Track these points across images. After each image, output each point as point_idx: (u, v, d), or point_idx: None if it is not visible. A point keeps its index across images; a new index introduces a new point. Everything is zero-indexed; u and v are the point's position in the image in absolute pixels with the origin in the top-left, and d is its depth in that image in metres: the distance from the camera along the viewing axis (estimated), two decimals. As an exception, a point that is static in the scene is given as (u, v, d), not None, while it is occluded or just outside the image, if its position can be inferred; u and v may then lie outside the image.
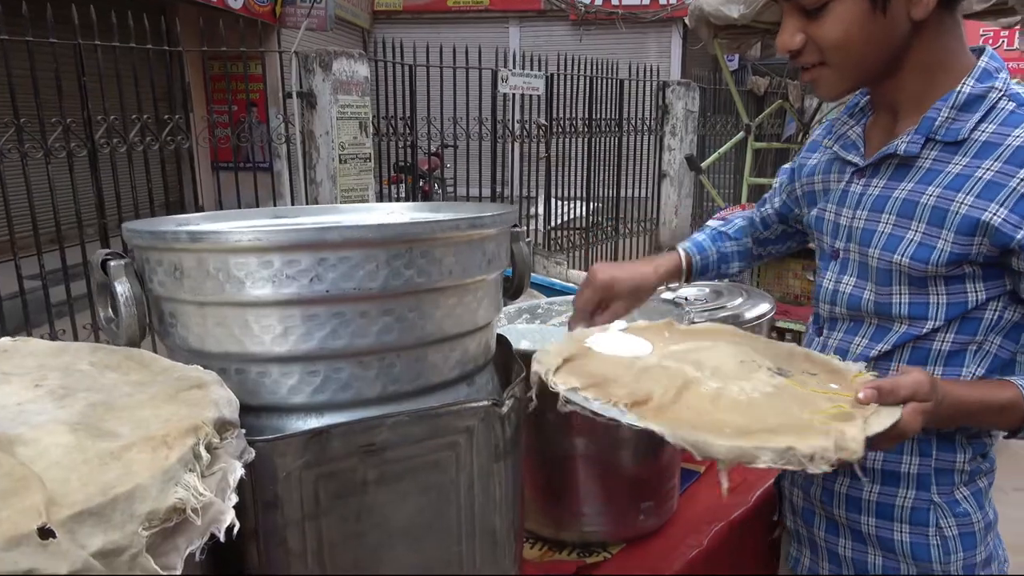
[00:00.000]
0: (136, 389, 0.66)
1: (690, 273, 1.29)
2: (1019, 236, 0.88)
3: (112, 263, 0.75)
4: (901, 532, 1.02)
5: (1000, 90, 0.94)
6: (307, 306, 0.71)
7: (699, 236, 1.33)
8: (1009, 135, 0.90)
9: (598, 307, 1.13)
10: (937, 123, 0.95)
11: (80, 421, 0.58)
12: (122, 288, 0.74)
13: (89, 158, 3.63)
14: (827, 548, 1.10)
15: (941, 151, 0.95)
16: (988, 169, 0.90)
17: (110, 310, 0.79)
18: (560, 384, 0.85)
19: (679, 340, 1.01)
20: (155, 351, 0.77)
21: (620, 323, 1.07)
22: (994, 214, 0.89)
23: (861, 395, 0.82)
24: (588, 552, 1.20)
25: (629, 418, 0.80)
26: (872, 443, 0.79)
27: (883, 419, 0.79)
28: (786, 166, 1.31)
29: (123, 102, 3.78)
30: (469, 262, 0.79)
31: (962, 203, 0.91)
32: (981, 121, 0.93)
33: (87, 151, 3.61)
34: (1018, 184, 0.88)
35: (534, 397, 0.87)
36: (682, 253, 1.28)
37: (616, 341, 0.99)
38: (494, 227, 0.82)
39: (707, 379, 0.88)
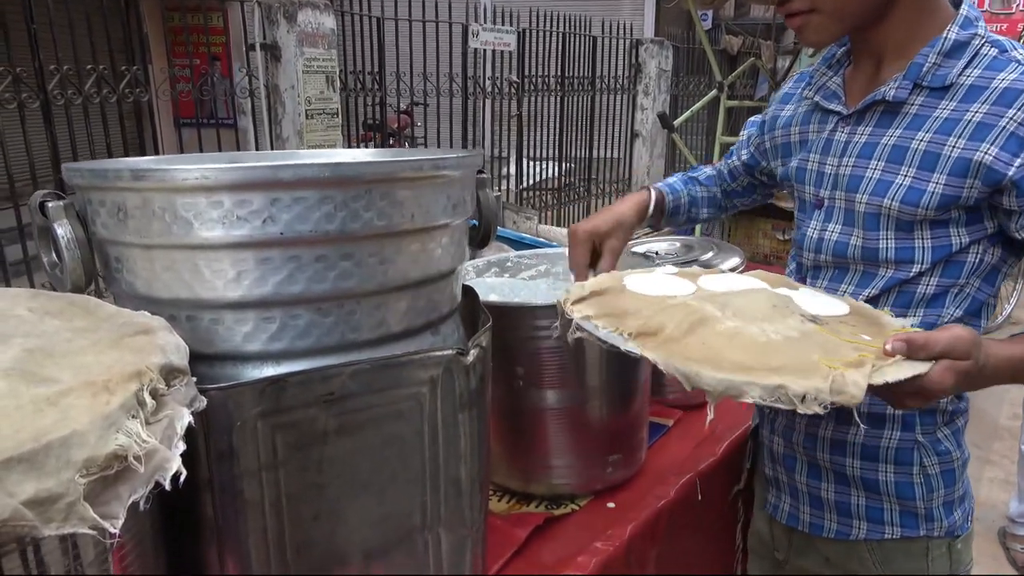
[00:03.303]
0: (78, 335, 0.62)
1: (662, 212, 1.28)
2: (1011, 172, 0.90)
3: (51, 204, 0.70)
4: (886, 472, 1.04)
5: (982, 37, 0.95)
6: (260, 249, 0.68)
7: (670, 180, 1.33)
8: (995, 78, 0.92)
9: (592, 258, 1.13)
10: (924, 69, 0.96)
11: (14, 367, 0.55)
12: (63, 231, 0.70)
13: (42, 110, 3.48)
14: (809, 493, 1.12)
15: (928, 96, 0.97)
16: (977, 112, 0.92)
17: (53, 255, 0.75)
18: (575, 312, 0.85)
19: (721, 284, 1.00)
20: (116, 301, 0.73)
21: (670, 268, 1.06)
22: (986, 153, 0.90)
23: (888, 346, 0.78)
24: (556, 504, 1.20)
25: (629, 346, 0.79)
26: (895, 397, 0.77)
27: (901, 370, 0.75)
28: (754, 118, 1.30)
29: (77, 53, 3.62)
30: (432, 206, 0.76)
31: (954, 146, 0.93)
32: (967, 67, 0.95)
33: (40, 102, 3.46)
34: (1007, 123, 0.90)
35: (558, 326, 0.89)
36: (653, 192, 1.28)
37: (654, 281, 0.98)
38: (458, 170, 0.79)
39: (727, 318, 0.85)
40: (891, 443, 1.04)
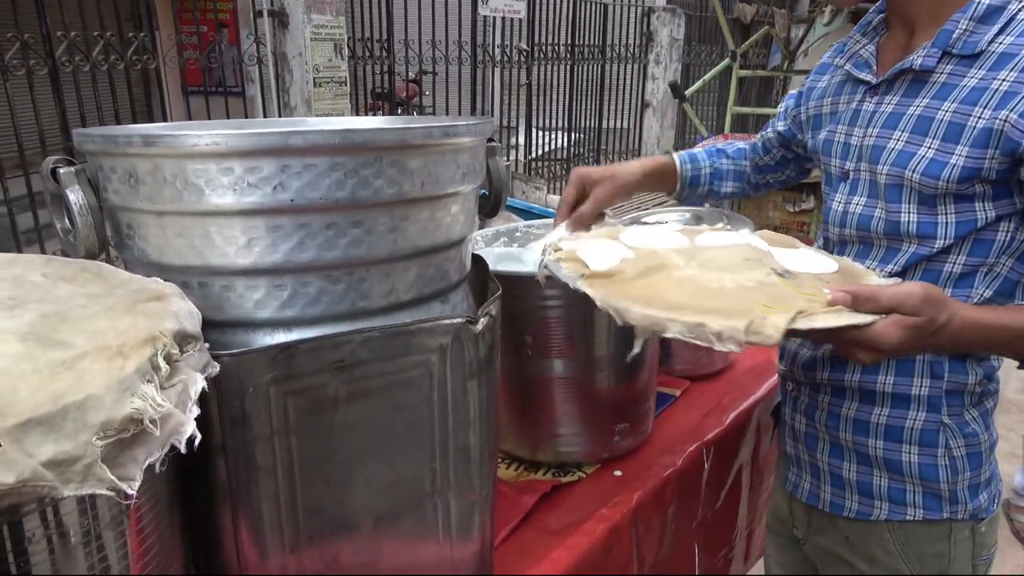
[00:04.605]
0: (92, 301, 0.63)
1: (679, 180, 1.27)
2: None
3: (62, 170, 0.70)
4: (910, 454, 1.02)
5: (1021, 0, 0.90)
6: (271, 216, 0.68)
7: (694, 150, 1.31)
8: None
9: (579, 199, 1.14)
10: (955, 36, 0.92)
11: (30, 331, 0.55)
12: (75, 197, 0.70)
13: (50, 76, 3.47)
14: (831, 472, 1.09)
15: (957, 65, 0.92)
16: (1004, 80, 0.87)
17: (66, 221, 0.75)
18: (550, 255, 0.90)
19: (715, 240, 1.00)
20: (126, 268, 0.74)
21: (675, 226, 1.07)
22: (1005, 120, 0.86)
23: (830, 296, 0.77)
24: (563, 472, 1.21)
25: (578, 284, 0.83)
26: (841, 347, 0.78)
27: (833, 319, 0.74)
28: (794, 91, 1.27)
29: (84, 19, 3.60)
30: (443, 174, 0.76)
31: (979, 116, 0.89)
32: (999, 33, 0.90)
33: (48, 69, 3.44)
34: None
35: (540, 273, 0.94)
36: (673, 157, 1.26)
37: (650, 234, 0.98)
38: (468, 137, 0.78)
39: (688, 267, 0.86)
40: (916, 424, 1.01)
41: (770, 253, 0.92)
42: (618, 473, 1.21)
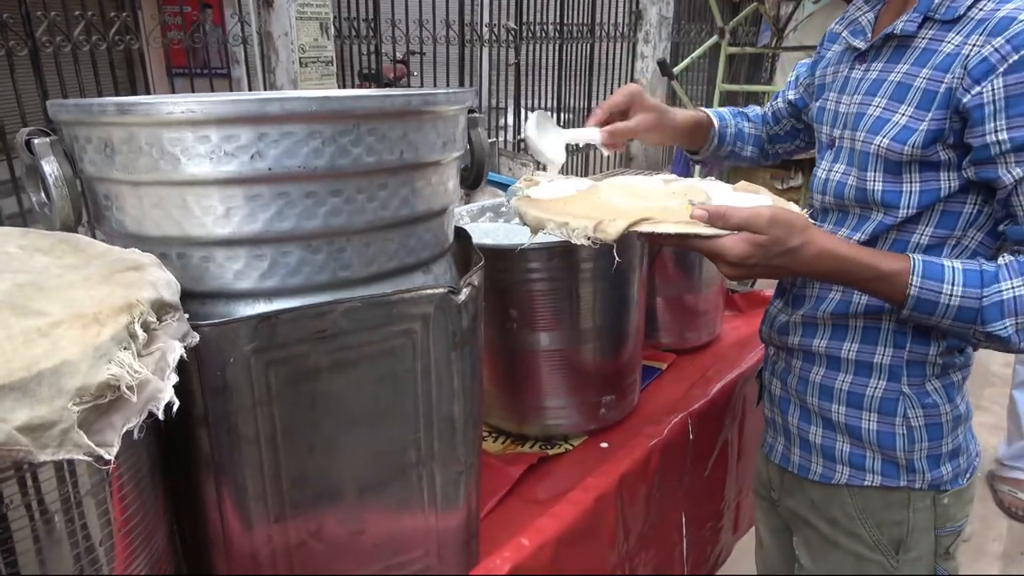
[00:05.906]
0: (68, 271, 0.63)
1: (715, 136, 1.27)
2: (965, 99, 0.86)
3: (37, 141, 0.70)
4: (869, 421, 1.04)
5: None
6: (249, 185, 0.67)
7: (719, 109, 1.32)
8: (999, 10, 0.87)
9: (621, 112, 1.15)
10: (937, 1, 0.92)
11: (5, 300, 0.55)
12: (50, 168, 0.70)
13: (31, 57, 3.42)
14: (799, 435, 1.12)
15: (938, 30, 0.93)
16: (974, 45, 0.87)
17: (42, 194, 0.74)
18: (521, 185, 1.02)
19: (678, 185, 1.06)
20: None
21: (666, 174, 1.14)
22: (960, 79, 0.87)
23: (692, 212, 0.85)
24: (550, 444, 1.22)
25: (512, 201, 0.97)
26: (708, 257, 0.87)
27: (676, 227, 0.84)
28: (806, 60, 1.26)
29: (64, -2, 3.54)
30: (422, 142, 0.76)
31: (947, 83, 0.89)
32: None
33: (28, 49, 3.39)
34: (988, 50, 0.85)
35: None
36: (709, 115, 1.26)
37: (634, 180, 1.06)
38: (448, 106, 0.78)
39: (614, 195, 0.95)
40: (876, 392, 1.03)
41: (705, 192, 0.96)
42: (604, 445, 1.22)
